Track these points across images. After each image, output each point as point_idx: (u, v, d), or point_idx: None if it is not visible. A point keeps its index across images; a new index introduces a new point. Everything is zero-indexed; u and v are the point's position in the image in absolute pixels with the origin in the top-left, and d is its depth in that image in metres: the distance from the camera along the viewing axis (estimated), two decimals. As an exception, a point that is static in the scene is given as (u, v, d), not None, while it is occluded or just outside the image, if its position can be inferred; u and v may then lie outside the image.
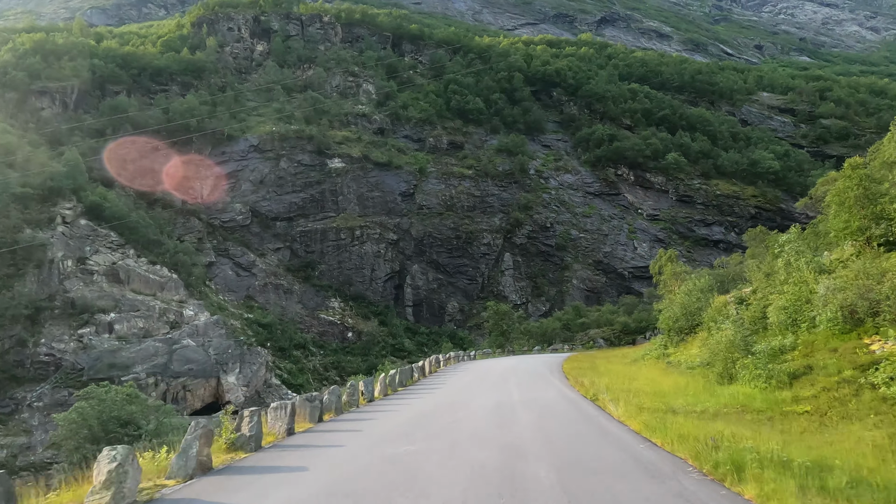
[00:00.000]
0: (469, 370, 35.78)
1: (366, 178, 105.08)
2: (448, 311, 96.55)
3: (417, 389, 26.26)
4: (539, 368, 33.72)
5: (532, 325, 73.44)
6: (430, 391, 24.49)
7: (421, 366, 34.24)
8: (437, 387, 26.53)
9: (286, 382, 75.35)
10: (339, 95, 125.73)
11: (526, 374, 29.83)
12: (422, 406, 19.67)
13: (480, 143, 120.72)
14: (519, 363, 39.32)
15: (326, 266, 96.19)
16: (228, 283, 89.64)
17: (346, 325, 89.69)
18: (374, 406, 21.53)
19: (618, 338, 65.89)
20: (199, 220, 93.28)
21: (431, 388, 26.25)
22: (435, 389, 25.15)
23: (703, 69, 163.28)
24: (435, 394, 23.27)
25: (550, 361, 39.51)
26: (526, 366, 36.62)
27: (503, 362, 41.46)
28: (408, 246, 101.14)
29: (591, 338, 66.36)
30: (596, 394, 16.89)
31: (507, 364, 39.17)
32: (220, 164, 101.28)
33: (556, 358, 44.43)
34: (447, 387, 25.93)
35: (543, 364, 37.49)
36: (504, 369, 34.22)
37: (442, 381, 29.59)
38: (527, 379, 27.09)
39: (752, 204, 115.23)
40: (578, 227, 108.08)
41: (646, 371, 22.15)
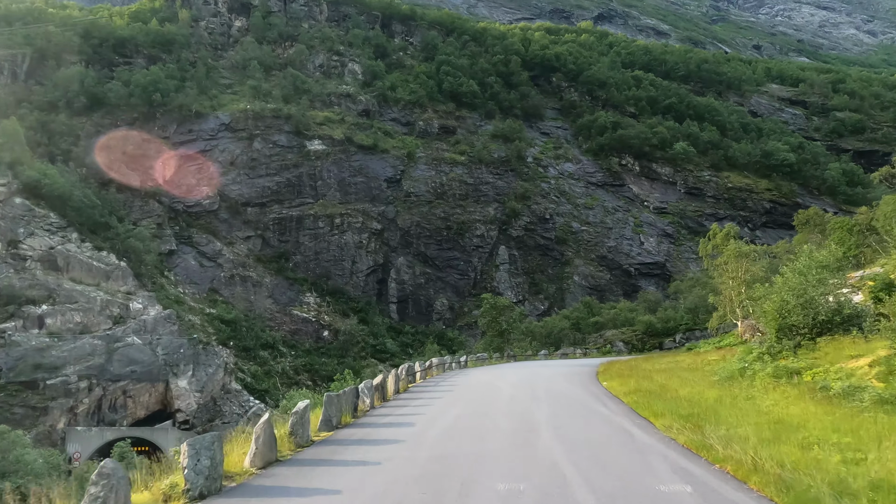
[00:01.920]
0: (458, 390, 24.31)
1: (348, 162, 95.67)
2: (436, 309, 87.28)
3: (347, 442, 13.31)
4: (578, 394, 20.63)
5: (535, 324, 64.05)
6: (361, 461, 11.34)
7: (378, 384, 20.81)
8: (385, 442, 13.09)
9: (249, 387, 65.83)
10: (323, 76, 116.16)
11: (564, 409, 17.06)
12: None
13: (474, 129, 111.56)
14: (532, 377, 27.86)
15: (302, 257, 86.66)
16: (190, 273, 79.98)
17: (322, 322, 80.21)
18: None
19: (641, 341, 56.35)
20: (159, 204, 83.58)
21: (373, 443, 13.06)
22: (378, 449, 12.36)
23: (708, 59, 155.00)
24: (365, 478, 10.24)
25: (579, 375, 27.32)
26: (548, 383, 24.52)
27: (507, 374, 30.97)
28: (393, 236, 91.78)
29: (608, 340, 56.77)
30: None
31: (514, 378, 27.93)
32: (187, 144, 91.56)
33: (581, 368, 32.49)
34: (408, 443, 12.88)
35: (574, 381, 25.29)
36: (515, 390, 22.59)
37: (407, 418, 16.56)
38: (575, 424, 14.31)
39: (766, 198, 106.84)
40: (580, 219, 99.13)
41: (803, 407, 11.82)
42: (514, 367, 38.52)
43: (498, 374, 31.96)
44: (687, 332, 53.75)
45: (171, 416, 59.50)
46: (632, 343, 56.03)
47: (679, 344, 52.38)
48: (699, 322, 52.90)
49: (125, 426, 55.46)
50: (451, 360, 39.46)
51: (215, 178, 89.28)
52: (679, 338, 53.75)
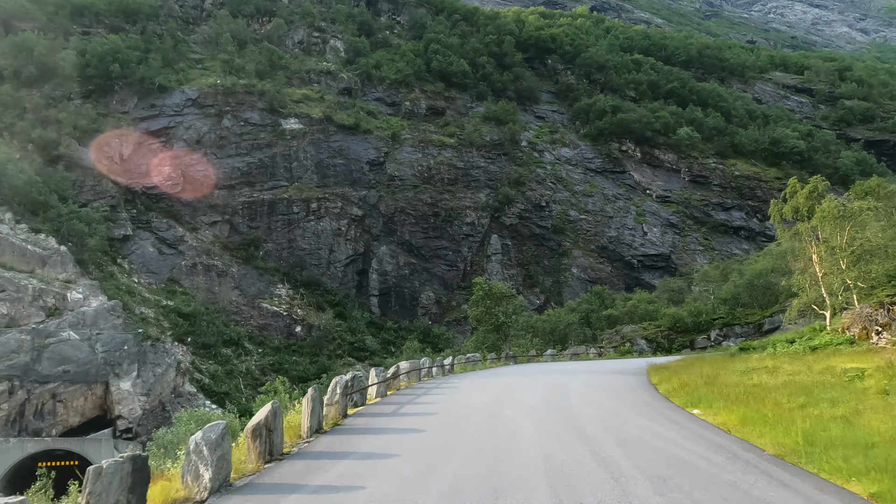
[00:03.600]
0: (430, 433, 13.88)
1: (327, 143, 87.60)
2: (422, 303, 79.52)
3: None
4: (698, 454, 10.86)
5: (538, 318, 55.94)
6: None
7: (262, 424, 11.32)
8: None
9: (206, 389, 57.74)
10: (302, 52, 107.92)
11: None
12: None
13: (465, 110, 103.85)
14: (559, 394, 19.16)
15: (274, 245, 78.57)
16: (147, 261, 71.69)
17: (295, 317, 72.23)
18: None
19: (667, 339, 48.10)
20: (114, 184, 75.11)
21: None
22: None
23: (710, 45, 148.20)
24: None
25: (633, 393, 18.90)
26: (601, 414, 15.40)
27: (517, 388, 21.73)
28: (375, 223, 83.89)
29: (626, 337, 48.56)
30: None
31: (532, 399, 18.39)
32: (148, 120, 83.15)
33: (620, 379, 23.34)
34: None
35: (638, 407, 16.10)
36: (547, 437, 12.84)
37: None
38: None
39: (775, 187, 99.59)
40: (578, 207, 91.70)
41: None
42: (519, 374, 28.74)
43: (500, 386, 22.98)
44: (724, 328, 45.94)
45: (112, 423, 51.43)
46: (656, 341, 47.71)
47: (715, 342, 44.59)
48: (737, 317, 45.42)
49: (53, 436, 47.36)
50: (430, 365, 29.61)
51: (179, 158, 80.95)
52: (715, 335, 45.85)
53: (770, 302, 45.74)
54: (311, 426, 13.88)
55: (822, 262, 27.92)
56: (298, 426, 14.06)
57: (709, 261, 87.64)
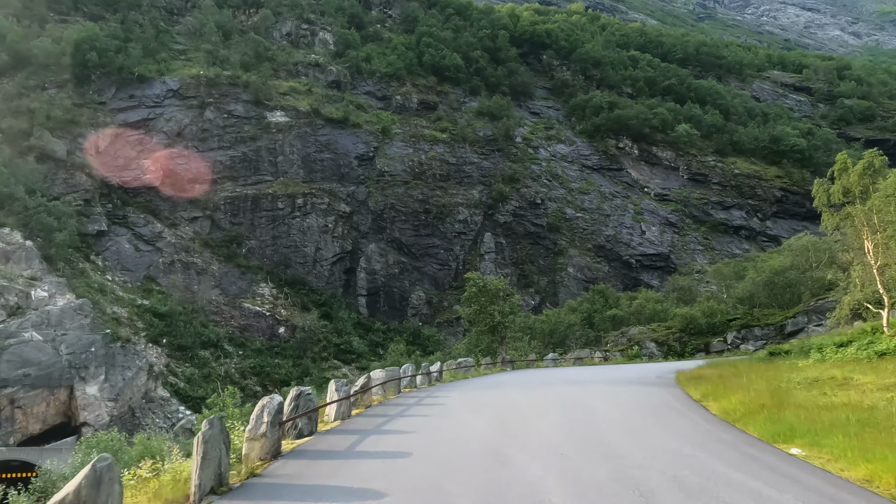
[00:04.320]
0: (406, 493, 8.81)
1: (314, 137, 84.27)
2: (412, 304, 76.26)
3: None
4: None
5: (536, 318, 52.39)
6: None
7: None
8: None
9: (181, 394, 54.23)
10: (290, 44, 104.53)
11: None
12: None
13: (457, 105, 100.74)
14: (583, 417, 14.93)
15: (257, 242, 75.14)
16: (123, 258, 68.14)
17: (278, 317, 68.83)
18: None
19: (679, 342, 44.51)
20: (88, 178, 71.50)
21: None
22: None
23: (707, 42, 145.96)
24: None
25: (682, 417, 14.73)
26: (668, 465, 9.77)
27: (524, 408, 17.13)
28: (363, 220, 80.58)
29: (634, 340, 44.87)
30: None
31: (555, 433, 12.92)
32: (126, 111, 79.59)
33: (649, 393, 19.32)
34: None
35: (715, 450, 10.98)
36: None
37: None
38: None
39: (776, 185, 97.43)
40: (574, 204, 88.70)
41: None
42: (521, 385, 23.95)
43: (501, 404, 17.89)
44: (742, 330, 42.62)
45: (76, 431, 47.86)
46: (667, 344, 44.05)
47: (733, 346, 41.22)
48: (755, 317, 42.05)
49: (10, 445, 43.75)
50: (413, 373, 24.70)
51: (159, 151, 77.40)
52: (732, 337, 42.46)
53: (791, 301, 42.62)
54: (201, 484, 8.58)
55: (880, 252, 24.69)
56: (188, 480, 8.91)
57: (709, 261, 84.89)
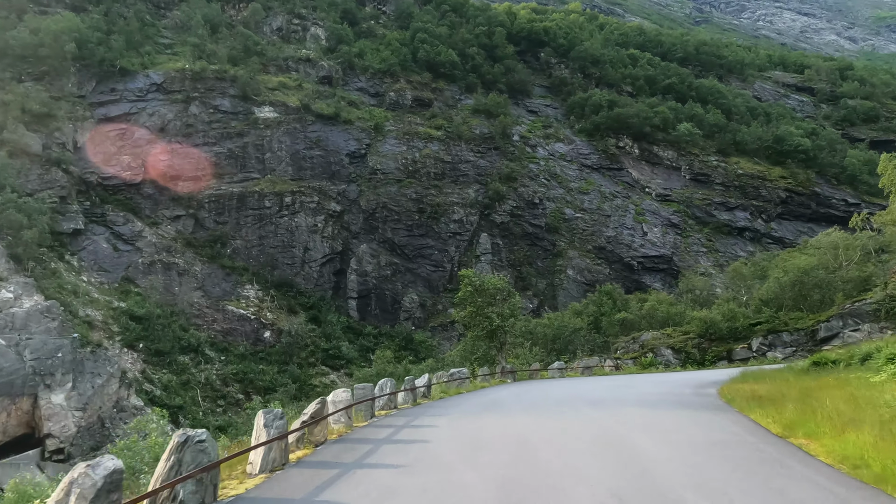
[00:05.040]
0: None
1: (304, 133, 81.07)
2: (405, 307, 72.98)
3: None
4: None
5: (539, 322, 48.64)
6: None
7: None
8: None
9: (157, 402, 50.68)
10: (281, 39, 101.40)
11: None
12: None
13: (453, 102, 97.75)
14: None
15: (243, 242, 71.80)
16: (100, 258, 64.70)
17: (264, 321, 65.44)
18: None
19: (699, 349, 40.68)
20: (65, 174, 68.02)
21: None
22: None
23: (708, 41, 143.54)
24: None
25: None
26: None
27: (542, 455, 11.89)
28: (355, 220, 77.35)
29: (647, 347, 41.10)
30: None
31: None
32: (107, 105, 76.26)
33: (722, 424, 14.53)
34: None
35: None
36: None
37: None
38: None
39: (781, 186, 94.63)
40: (574, 205, 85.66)
41: None
42: (531, 407, 19.65)
43: (507, 444, 13.12)
44: (769, 335, 39.07)
45: (40, 443, 44.43)
46: (685, 351, 40.23)
47: (758, 353, 37.70)
48: (783, 322, 38.42)
49: (-35, 459, 40.29)
50: (391, 390, 20.14)
51: (140, 146, 74.08)
52: (758, 344, 38.88)
53: (822, 304, 39.29)
54: None
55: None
56: None
57: (712, 263, 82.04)
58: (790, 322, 38.47)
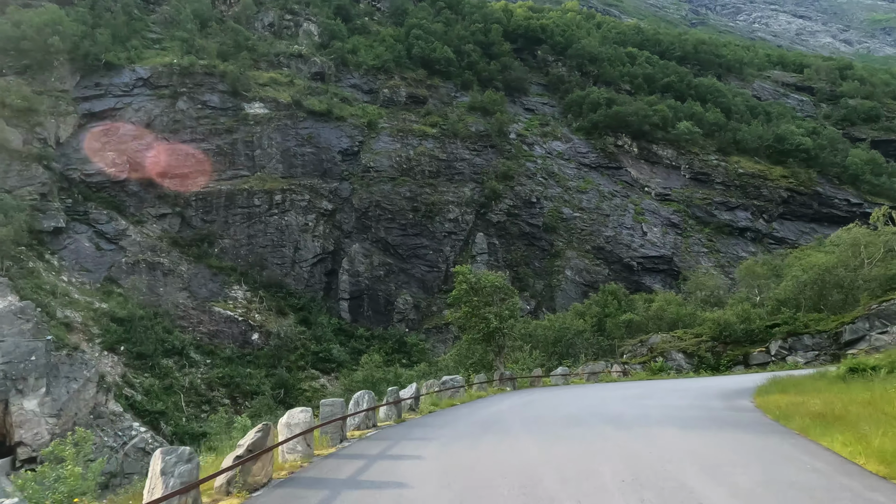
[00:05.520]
0: None
1: (295, 130, 78.92)
2: (398, 308, 70.84)
3: None
4: None
5: (539, 324, 46.11)
6: None
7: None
8: None
9: (137, 408, 48.52)
10: (272, 35, 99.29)
11: None
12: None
13: (448, 99, 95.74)
14: None
15: (231, 241, 69.56)
16: (82, 258, 62.39)
17: (252, 322, 63.20)
18: None
19: (713, 352, 38.02)
20: (46, 170, 65.67)
21: None
22: None
23: (706, 40, 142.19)
24: None
25: None
26: None
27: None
28: (347, 219, 75.20)
29: (657, 350, 38.60)
30: None
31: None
32: (92, 100, 73.99)
33: (794, 456, 11.24)
34: None
35: None
36: None
37: None
38: None
39: (782, 185, 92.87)
40: (572, 204, 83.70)
41: None
42: (535, 423, 17.22)
43: (515, 484, 10.38)
44: (789, 338, 36.81)
45: (11, 451, 42.08)
46: (697, 355, 37.68)
47: (777, 357, 35.36)
48: (803, 323, 36.04)
49: (-72, 469, 37.90)
50: (369, 405, 17.22)
51: (125, 142, 71.81)
52: (777, 347, 36.47)
53: (846, 305, 37.13)
54: None
55: None
56: None
57: (713, 263, 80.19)
58: (811, 324, 36.20)
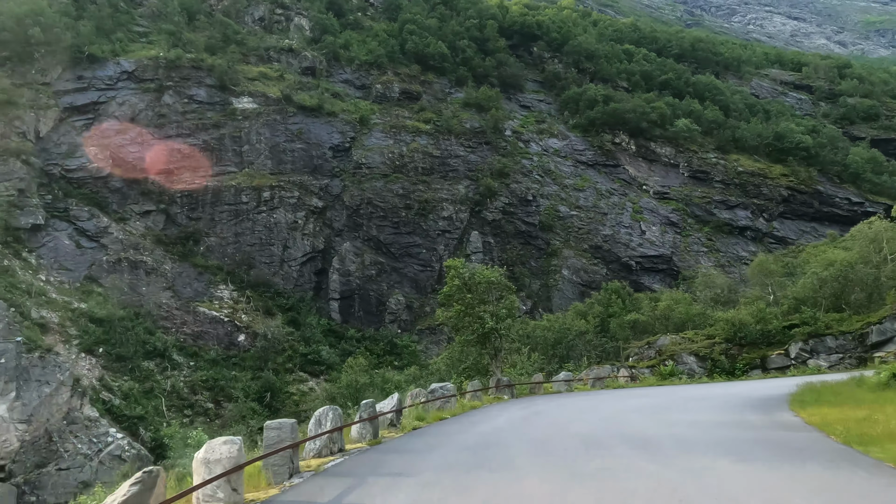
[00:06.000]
0: None
1: (285, 125, 76.75)
2: (390, 309, 68.73)
3: None
4: None
5: (537, 325, 43.55)
6: None
7: None
8: None
9: (114, 413, 46.24)
10: (263, 30, 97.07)
11: None
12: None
13: (442, 95, 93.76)
14: None
15: (217, 239, 67.33)
16: (62, 256, 60.08)
17: (238, 323, 60.98)
18: None
19: (727, 355, 34.88)
20: (25, 165, 63.33)
21: None
22: None
23: (703, 38, 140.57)
24: None
25: None
26: None
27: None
28: (338, 216, 73.07)
29: (666, 353, 35.91)
30: None
31: None
32: (74, 93, 71.67)
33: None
34: None
35: None
36: None
37: None
38: None
39: (782, 184, 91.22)
40: (569, 202, 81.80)
41: None
42: (543, 447, 14.22)
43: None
44: (811, 339, 34.58)
45: (-23, 459, 39.84)
46: (710, 358, 34.56)
47: (798, 361, 33.10)
48: (824, 323, 33.66)
49: None
50: (334, 425, 14.05)
51: (109, 137, 69.52)
52: (797, 350, 34.10)
53: (870, 304, 34.94)
54: None
55: None
56: None
57: (713, 263, 78.39)
58: (833, 324, 33.93)
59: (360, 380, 32.00)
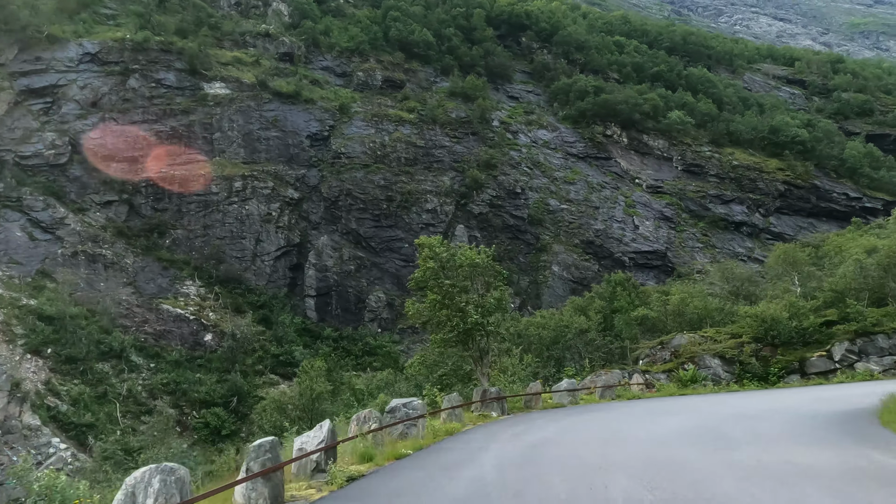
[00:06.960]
0: None
1: (259, 112, 72.41)
2: (370, 306, 64.64)
3: None
4: None
5: (531, 322, 38.79)
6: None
7: None
8: None
9: (60, 420, 41.79)
10: (239, 15, 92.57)
11: None
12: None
13: (427, 84, 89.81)
14: None
15: (184, 232, 62.90)
16: (13, 248, 55.45)
17: (205, 321, 56.60)
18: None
19: (758, 357, 29.80)
20: (-26, 150, 58.57)
21: None
22: None
23: (695, 32, 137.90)
24: None
25: None
26: None
27: None
28: (315, 208, 68.85)
29: (686, 355, 30.74)
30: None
31: None
32: (31, 75, 66.88)
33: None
34: None
35: None
36: None
37: None
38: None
39: (778, 178, 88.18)
40: (559, 195, 78.15)
41: None
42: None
43: None
44: (858, 339, 30.16)
45: None
46: (738, 361, 29.62)
47: (843, 364, 28.57)
48: (874, 320, 29.03)
49: None
50: (179, 496, 7.37)
51: (68, 122, 64.85)
52: (842, 351, 29.55)
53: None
54: None
55: None
56: None
57: (709, 259, 75.04)
58: (884, 320, 29.53)
59: (316, 388, 27.59)
